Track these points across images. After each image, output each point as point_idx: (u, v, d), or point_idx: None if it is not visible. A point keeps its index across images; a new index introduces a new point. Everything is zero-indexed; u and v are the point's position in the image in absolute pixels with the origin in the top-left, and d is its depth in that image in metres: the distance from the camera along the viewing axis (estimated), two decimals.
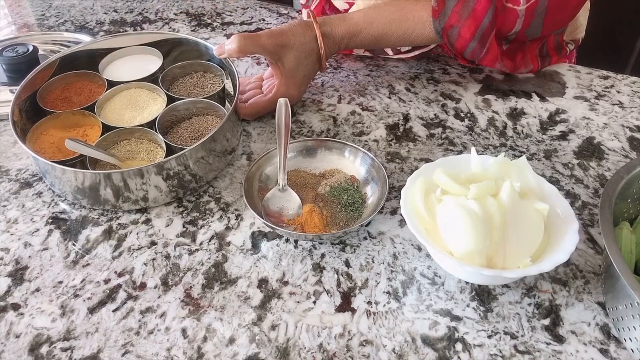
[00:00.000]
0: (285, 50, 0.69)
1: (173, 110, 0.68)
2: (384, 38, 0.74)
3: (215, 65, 0.76)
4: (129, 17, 1.09)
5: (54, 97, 0.71)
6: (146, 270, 0.55)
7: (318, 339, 0.49)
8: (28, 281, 0.55)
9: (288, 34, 0.69)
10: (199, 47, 0.78)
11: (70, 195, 0.62)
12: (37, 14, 1.12)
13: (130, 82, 0.72)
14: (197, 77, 0.76)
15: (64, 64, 0.74)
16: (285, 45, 0.69)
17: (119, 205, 0.61)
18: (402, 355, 0.47)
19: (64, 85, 0.73)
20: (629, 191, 0.53)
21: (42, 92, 0.71)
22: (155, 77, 0.73)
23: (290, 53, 0.70)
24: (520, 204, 0.50)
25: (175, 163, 0.59)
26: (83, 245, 0.58)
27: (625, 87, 0.82)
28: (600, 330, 0.49)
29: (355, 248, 0.57)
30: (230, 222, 0.61)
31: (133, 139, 0.66)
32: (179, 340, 0.49)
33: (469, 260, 0.48)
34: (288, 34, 0.69)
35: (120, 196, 0.59)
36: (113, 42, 0.77)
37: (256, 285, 0.54)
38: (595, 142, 0.71)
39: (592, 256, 0.56)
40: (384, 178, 0.60)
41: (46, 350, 0.48)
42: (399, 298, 0.52)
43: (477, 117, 0.76)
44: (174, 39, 0.79)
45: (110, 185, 0.58)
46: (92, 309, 0.52)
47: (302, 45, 0.70)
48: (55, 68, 0.73)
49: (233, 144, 0.67)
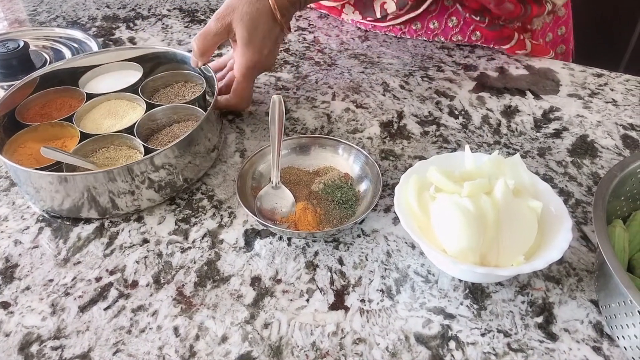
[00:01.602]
0: (235, 21, 0.66)
1: (153, 118, 0.67)
2: None
3: (196, 74, 0.74)
4: (121, 12, 1.08)
5: (33, 113, 0.69)
6: (138, 269, 0.55)
7: (311, 337, 0.48)
8: (18, 279, 0.54)
9: (232, 5, 0.66)
10: (177, 57, 0.76)
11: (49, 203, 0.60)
12: (28, 10, 1.11)
13: (109, 94, 0.71)
14: (177, 87, 0.74)
15: (43, 82, 0.71)
16: (233, 18, 0.66)
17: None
18: (396, 353, 0.47)
19: (44, 102, 0.71)
20: (622, 189, 0.53)
21: (21, 108, 0.68)
22: (135, 88, 0.72)
23: (240, 21, 0.66)
24: (514, 201, 0.50)
25: (160, 165, 0.58)
26: (74, 243, 0.58)
27: (619, 85, 0.82)
28: (593, 328, 0.49)
29: (349, 246, 0.57)
30: (223, 219, 0.60)
31: (112, 146, 0.64)
32: (170, 338, 0.49)
33: (462, 258, 0.48)
34: (232, 5, 0.66)
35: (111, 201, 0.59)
36: (93, 60, 0.75)
37: (249, 284, 0.53)
38: (588, 140, 0.71)
39: (585, 254, 0.56)
40: (377, 175, 0.60)
41: (36, 349, 0.48)
42: (392, 296, 0.52)
43: (471, 114, 0.76)
44: (155, 53, 0.77)
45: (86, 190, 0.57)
46: (83, 308, 0.51)
47: (248, 6, 0.66)
48: (35, 86, 0.71)
49: (214, 141, 0.66)
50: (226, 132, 0.73)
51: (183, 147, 0.60)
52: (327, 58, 0.90)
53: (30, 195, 0.61)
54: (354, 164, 0.64)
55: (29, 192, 0.60)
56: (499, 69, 0.86)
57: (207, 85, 0.73)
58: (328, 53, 0.92)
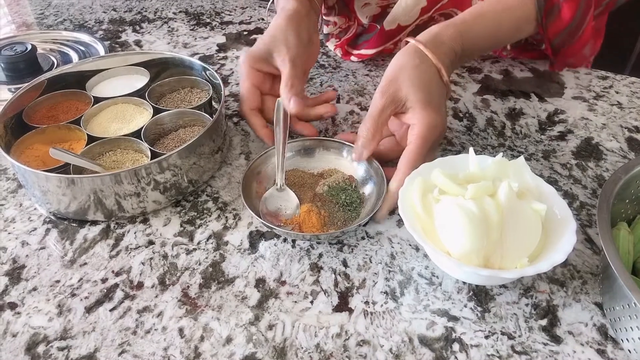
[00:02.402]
0: (404, 88, 0.59)
1: (159, 122, 0.67)
2: (498, 31, 0.67)
3: (203, 80, 0.75)
4: (127, 16, 1.09)
5: (40, 116, 0.70)
6: (143, 270, 0.55)
7: (315, 339, 0.49)
8: (25, 280, 0.55)
9: (393, 75, 0.60)
10: (184, 63, 0.77)
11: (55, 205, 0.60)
12: (36, 13, 1.12)
13: (117, 97, 0.71)
14: (184, 93, 0.75)
15: (51, 85, 0.72)
16: (399, 86, 0.59)
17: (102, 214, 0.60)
18: (399, 355, 0.47)
19: (51, 105, 0.71)
20: (627, 192, 0.53)
21: (29, 111, 0.69)
22: (142, 92, 0.72)
23: (411, 86, 0.59)
24: (518, 204, 0.50)
25: (166, 166, 0.59)
26: (80, 245, 0.58)
27: (624, 87, 0.82)
28: (597, 331, 0.49)
29: (353, 248, 0.57)
30: (228, 221, 0.61)
31: (119, 149, 0.65)
32: (175, 339, 0.49)
33: (466, 260, 0.48)
34: (393, 75, 0.60)
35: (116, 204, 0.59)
36: (100, 64, 0.76)
37: (253, 285, 0.54)
38: (593, 142, 0.71)
39: (589, 257, 0.56)
40: (381, 178, 0.60)
41: (43, 349, 0.48)
42: (396, 298, 0.52)
43: (475, 117, 0.76)
44: (161, 58, 0.77)
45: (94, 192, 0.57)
46: (89, 309, 0.52)
47: (413, 70, 0.60)
48: (42, 89, 0.71)
49: (218, 143, 0.66)
50: (231, 134, 0.74)
51: (188, 148, 0.60)
52: (332, 61, 0.90)
53: (36, 197, 0.62)
54: (358, 166, 0.64)
55: (35, 194, 0.61)
56: (504, 71, 0.86)
57: (214, 91, 0.73)
58: (333, 56, 0.92)
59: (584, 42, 0.73)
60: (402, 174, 0.57)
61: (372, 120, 0.59)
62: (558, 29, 0.69)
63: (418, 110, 0.58)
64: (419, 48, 0.61)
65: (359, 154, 0.61)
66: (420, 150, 0.58)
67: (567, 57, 0.75)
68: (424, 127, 0.58)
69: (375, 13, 0.85)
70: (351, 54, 0.89)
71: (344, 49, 0.90)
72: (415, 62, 0.60)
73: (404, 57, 0.61)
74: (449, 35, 0.63)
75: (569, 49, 0.73)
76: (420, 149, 0.58)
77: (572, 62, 0.78)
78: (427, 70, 0.60)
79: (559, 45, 0.72)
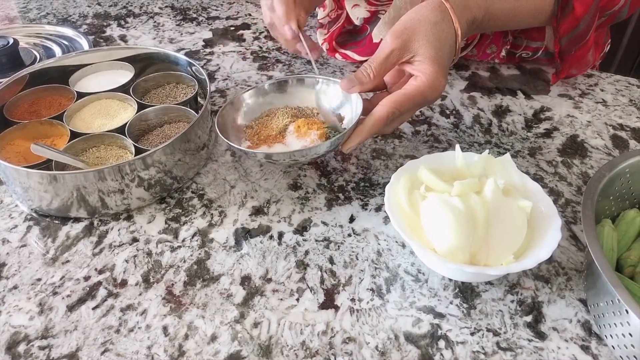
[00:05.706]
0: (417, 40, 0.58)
1: (144, 118, 0.67)
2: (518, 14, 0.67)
3: (188, 76, 0.74)
4: (112, 10, 1.08)
5: (22, 111, 0.68)
6: (127, 267, 0.55)
7: (301, 336, 0.48)
8: (5, 278, 0.54)
9: (411, 25, 0.58)
10: (169, 58, 0.76)
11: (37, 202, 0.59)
12: (19, 6, 1.10)
13: (100, 93, 0.70)
14: (169, 88, 0.74)
15: (33, 79, 0.71)
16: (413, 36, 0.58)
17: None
18: (385, 352, 0.47)
19: (33, 100, 0.70)
20: (611, 189, 0.54)
21: (10, 106, 0.67)
22: (127, 88, 0.71)
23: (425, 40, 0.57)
24: (504, 201, 0.50)
25: (150, 163, 0.58)
26: (63, 242, 0.57)
27: (609, 85, 0.83)
28: (581, 327, 0.49)
29: (340, 245, 0.57)
30: (214, 218, 0.60)
31: (102, 145, 0.64)
32: (159, 338, 0.48)
33: (452, 257, 0.48)
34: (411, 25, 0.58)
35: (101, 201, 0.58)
36: (84, 58, 0.75)
37: (239, 283, 0.53)
38: (579, 140, 0.72)
39: (574, 253, 0.56)
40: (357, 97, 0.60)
41: (23, 348, 0.47)
42: (382, 295, 0.52)
43: (462, 114, 0.76)
44: (146, 53, 0.76)
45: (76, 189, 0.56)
46: (71, 307, 0.51)
47: (433, 27, 0.58)
48: (24, 84, 0.70)
49: (204, 139, 0.66)
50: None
51: (173, 144, 0.59)
52: (320, 57, 0.90)
53: (17, 194, 0.60)
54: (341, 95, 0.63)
55: (16, 191, 0.60)
56: (491, 69, 0.87)
57: (200, 87, 0.72)
58: (320, 53, 0.91)
59: (588, 49, 0.73)
60: (386, 109, 0.56)
61: (377, 62, 0.58)
62: (569, 27, 0.70)
63: (427, 65, 0.57)
64: (445, 7, 0.59)
65: (349, 86, 0.59)
66: (412, 98, 0.56)
67: (572, 65, 0.76)
68: (427, 81, 0.56)
69: (366, 16, 0.84)
70: (337, 52, 0.89)
71: (331, 45, 0.89)
72: (437, 19, 0.58)
73: (426, 10, 0.59)
74: (476, 2, 0.62)
75: (574, 55, 0.74)
76: (413, 98, 0.56)
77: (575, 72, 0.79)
78: (446, 30, 0.59)
79: (566, 48, 0.73)
